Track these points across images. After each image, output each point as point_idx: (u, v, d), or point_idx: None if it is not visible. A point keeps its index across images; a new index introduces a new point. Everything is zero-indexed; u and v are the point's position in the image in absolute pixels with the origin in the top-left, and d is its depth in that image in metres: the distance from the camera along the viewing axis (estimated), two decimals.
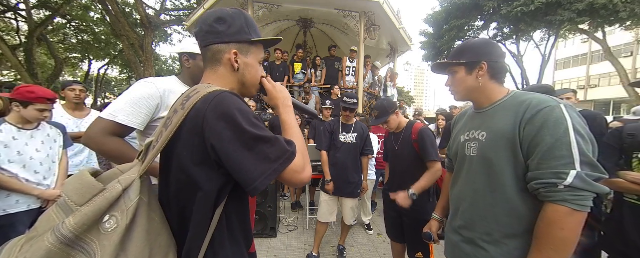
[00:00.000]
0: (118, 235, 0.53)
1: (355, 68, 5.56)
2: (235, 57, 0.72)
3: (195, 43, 1.29)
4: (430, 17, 14.17)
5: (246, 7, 4.99)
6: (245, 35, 0.73)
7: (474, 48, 0.97)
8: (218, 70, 0.74)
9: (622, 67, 12.53)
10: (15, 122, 1.62)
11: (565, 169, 0.72)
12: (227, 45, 0.72)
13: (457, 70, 0.99)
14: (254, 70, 0.77)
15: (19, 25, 13.04)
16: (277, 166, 0.61)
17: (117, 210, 0.55)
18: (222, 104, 0.62)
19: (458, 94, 1.02)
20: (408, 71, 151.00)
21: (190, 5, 13.58)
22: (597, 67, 23.79)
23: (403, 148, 1.90)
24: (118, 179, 0.58)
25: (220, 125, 0.60)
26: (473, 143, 0.97)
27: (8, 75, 16.79)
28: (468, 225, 0.97)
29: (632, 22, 10.10)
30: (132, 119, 1.07)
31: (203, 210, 0.63)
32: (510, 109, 0.88)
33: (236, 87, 0.76)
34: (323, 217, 2.54)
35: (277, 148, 0.63)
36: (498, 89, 0.96)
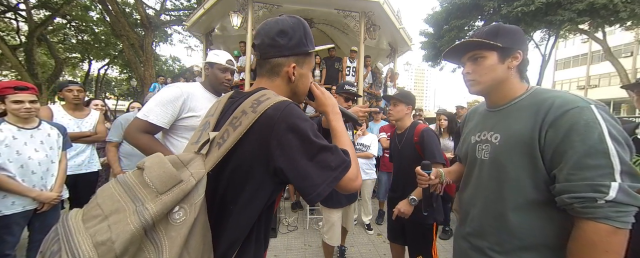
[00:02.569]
0: (187, 228, 0.54)
1: (355, 68, 5.56)
2: (294, 70, 0.75)
3: (215, 54, 1.56)
4: (430, 17, 14.16)
5: (246, 7, 4.99)
6: (304, 47, 0.75)
7: (511, 33, 0.83)
8: (274, 81, 0.76)
9: (622, 67, 12.54)
10: (13, 121, 1.62)
11: (604, 181, 0.62)
12: (286, 58, 0.74)
13: (487, 55, 0.83)
14: (307, 80, 0.80)
15: (19, 25, 13.05)
16: (337, 174, 0.64)
17: (187, 202, 0.56)
18: (292, 114, 0.64)
19: (480, 85, 0.86)
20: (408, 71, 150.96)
21: (190, 5, 13.58)
22: (597, 67, 23.80)
23: (405, 148, 1.88)
24: (191, 172, 0.59)
25: (289, 135, 0.62)
26: (485, 146, 0.88)
27: (8, 75, 16.79)
28: (477, 232, 0.89)
29: (632, 22, 10.10)
30: (161, 118, 1.32)
31: (250, 212, 0.66)
32: (528, 109, 0.77)
33: (289, 95, 0.77)
34: (335, 241, 2.24)
35: (336, 157, 0.65)
36: (519, 85, 0.85)
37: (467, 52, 0.88)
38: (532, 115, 0.75)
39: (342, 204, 2.24)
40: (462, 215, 1.01)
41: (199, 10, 5.47)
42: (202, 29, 6.33)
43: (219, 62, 1.51)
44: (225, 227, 0.65)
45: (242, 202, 0.65)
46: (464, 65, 0.91)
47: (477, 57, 0.85)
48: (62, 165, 1.82)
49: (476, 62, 0.86)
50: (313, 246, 2.84)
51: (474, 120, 1.01)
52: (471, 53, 0.87)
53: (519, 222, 0.78)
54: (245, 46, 5.27)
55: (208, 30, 6.44)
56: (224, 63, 1.51)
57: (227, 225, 0.65)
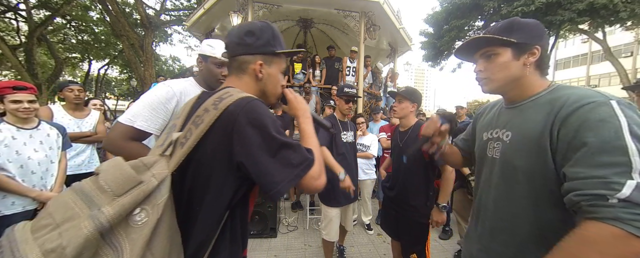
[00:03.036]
0: (149, 229, 0.53)
1: (355, 68, 5.56)
2: (260, 68, 0.77)
3: (209, 44, 1.36)
4: (430, 17, 14.15)
5: (246, 7, 4.99)
6: (271, 47, 0.78)
7: (527, 27, 0.77)
8: (242, 79, 0.78)
9: (622, 67, 12.53)
10: (13, 121, 1.62)
11: (618, 178, 0.54)
12: (253, 56, 0.77)
13: (501, 52, 0.78)
14: (276, 80, 0.82)
15: (19, 25, 13.04)
16: (298, 171, 0.65)
17: (148, 203, 0.56)
18: (254, 110, 0.65)
19: (493, 83, 0.82)
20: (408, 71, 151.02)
21: (190, 5, 13.58)
22: (597, 67, 23.79)
23: (408, 147, 1.84)
24: (152, 173, 0.58)
25: (250, 131, 0.63)
26: (496, 144, 0.84)
27: (8, 76, 16.79)
28: (489, 234, 0.86)
29: (632, 22, 10.09)
30: (150, 124, 1.07)
31: (217, 210, 0.65)
32: (544, 106, 0.72)
33: (258, 95, 0.79)
34: (334, 236, 2.26)
35: (299, 154, 0.66)
36: (539, 82, 0.79)
37: (479, 49, 0.84)
38: (545, 112, 0.71)
39: (340, 203, 2.22)
40: (474, 214, 0.97)
41: (199, 10, 5.47)
42: (202, 29, 6.33)
43: (214, 54, 1.28)
44: (193, 226, 0.64)
45: (208, 200, 0.65)
46: (476, 63, 0.87)
47: (490, 54, 0.81)
48: (62, 165, 1.82)
49: (489, 59, 0.81)
50: (313, 246, 2.84)
51: (488, 116, 0.96)
52: (483, 50, 0.82)
53: (529, 226, 0.74)
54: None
55: (208, 30, 6.43)
56: (220, 56, 1.28)
57: (195, 224, 0.64)
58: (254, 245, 2.83)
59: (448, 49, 14.01)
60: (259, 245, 2.83)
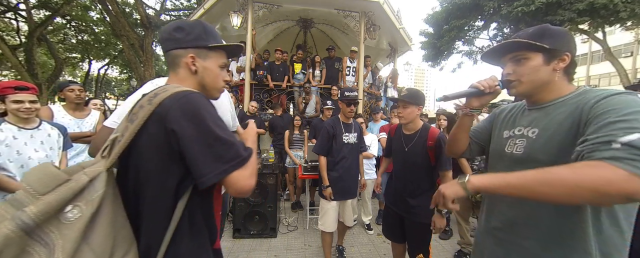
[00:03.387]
0: (82, 223, 0.54)
1: (355, 68, 5.56)
2: (193, 61, 0.78)
3: None
4: (430, 17, 14.15)
5: (246, 7, 4.99)
6: (203, 42, 0.79)
7: (558, 35, 0.80)
8: (179, 73, 0.80)
9: (622, 67, 12.52)
10: (14, 121, 1.62)
11: (626, 134, 0.56)
12: (184, 50, 0.78)
13: (531, 57, 0.80)
14: (213, 74, 0.83)
15: (19, 25, 13.03)
16: (227, 167, 0.65)
17: (81, 200, 0.57)
18: (190, 102, 0.66)
19: (522, 86, 0.83)
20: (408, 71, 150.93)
21: (190, 5, 13.59)
22: (597, 67, 23.78)
23: (415, 151, 1.80)
24: (84, 170, 0.60)
25: (185, 122, 0.64)
26: (519, 141, 0.86)
27: (8, 76, 16.79)
28: (507, 227, 0.87)
29: (632, 22, 10.09)
30: None
31: (162, 202, 0.66)
32: (572, 105, 0.75)
33: (197, 88, 0.80)
34: (330, 227, 2.35)
35: (232, 151, 0.67)
36: (566, 86, 0.82)
37: (508, 53, 0.85)
38: (574, 109, 0.73)
39: (334, 198, 2.33)
40: (487, 209, 0.98)
41: (199, 10, 5.47)
42: None
43: None
44: (142, 219, 0.66)
45: (153, 192, 0.66)
46: (504, 66, 0.88)
47: (520, 58, 0.82)
48: (63, 165, 1.82)
49: (519, 63, 0.83)
50: (313, 246, 2.84)
51: (508, 116, 0.98)
52: (513, 54, 0.84)
53: (551, 219, 0.75)
54: (245, 46, 5.27)
55: None
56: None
57: (143, 218, 0.66)
58: (254, 245, 2.83)
59: (448, 49, 14.02)
60: (259, 245, 2.83)
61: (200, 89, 0.81)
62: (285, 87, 5.32)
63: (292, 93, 5.53)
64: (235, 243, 2.85)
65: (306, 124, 4.40)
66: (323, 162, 2.32)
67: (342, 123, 2.34)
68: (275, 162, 3.19)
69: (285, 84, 5.30)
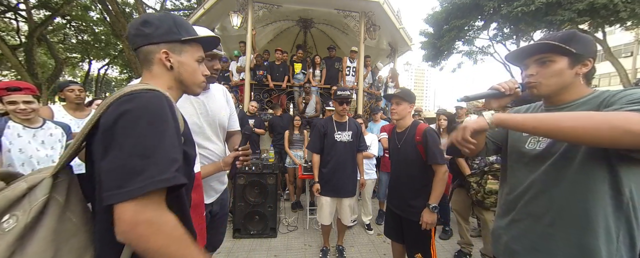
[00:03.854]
0: (13, 235, 0.51)
1: (355, 68, 5.56)
2: (167, 56, 0.74)
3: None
4: (430, 17, 14.16)
5: (246, 7, 4.99)
6: (175, 35, 0.75)
7: (584, 41, 0.83)
8: (152, 70, 0.75)
9: (622, 67, 12.52)
10: (18, 120, 1.66)
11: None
12: (156, 45, 0.73)
13: (557, 60, 0.83)
14: (190, 68, 0.79)
15: (19, 25, 13.04)
16: (133, 188, 0.52)
17: (19, 209, 0.54)
18: (130, 102, 0.58)
19: (546, 87, 0.86)
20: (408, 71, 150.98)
21: (190, 5, 13.59)
22: (597, 67, 23.42)
23: (406, 148, 1.86)
24: (24, 178, 0.57)
25: (111, 122, 0.56)
26: (542, 138, 0.89)
27: (8, 76, 16.79)
28: (530, 217, 0.90)
29: (632, 22, 10.09)
30: None
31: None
32: (591, 103, 0.81)
33: (175, 85, 0.78)
34: (325, 220, 2.52)
35: (152, 168, 0.54)
36: (584, 89, 0.86)
37: (534, 55, 0.88)
38: (593, 107, 0.79)
39: (328, 194, 2.43)
40: (505, 207, 1.00)
41: (199, 10, 5.46)
42: None
43: None
44: (96, 229, 0.62)
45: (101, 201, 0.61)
46: (526, 68, 0.90)
47: (546, 60, 0.85)
48: None
49: (544, 65, 0.85)
50: (313, 246, 2.84)
51: None
52: (539, 56, 0.86)
53: (577, 204, 0.79)
54: (245, 46, 5.27)
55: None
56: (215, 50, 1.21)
57: (96, 230, 0.62)
58: (254, 245, 2.83)
59: (448, 49, 14.02)
60: (259, 245, 2.84)
61: (178, 85, 0.78)
62: (285, 87, 5.32)
63: (292, 93, 5.53)
64: (235, 243, 2.85)
65: (306, 124, 4.40)
66: (315, 159, 2.47)
67: (334, 121, 2.44)
68: (275, 162, 3.19)
69: (285, 84, 5.30)
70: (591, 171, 0.76)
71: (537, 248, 0.87)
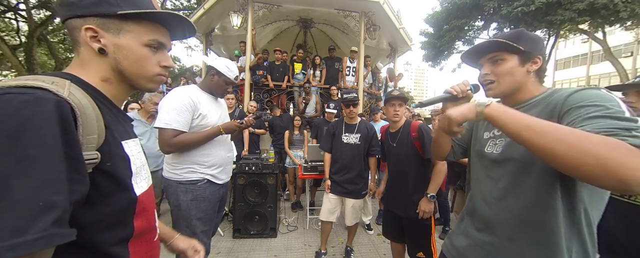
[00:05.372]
0: None
1: (355, 68, 5.56)
2: (95, 35, 0.55)
3: (227, 66, 1.59)
4: (431, 17, 14.16)
5: (246, 7, 4.99)
6: (109, 7, 0.55)
7: (532, 38, 0.84)
8: (80, 54, 0.57)
9: (622, 67, 12.53)
10: None
11: (634, 125, 0.58)
12: (82, 19, 0.54)
13: (508, 58, 0.84)
14: (134, 56, 0.59)
15: (19, 25, 13.03)
16: None
17: None
18: None
19: (500, 86, 0.86)
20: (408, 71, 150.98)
21: (190, 5, 13.58)
22: (597, 67, 23.78)
23: (402, 146, 1.90)
24: None
25: None
26: (498, 141, 0.89)
27: (8, 76, 16.80)
28: (486, 228, 0.89)
29: (632, 22, 10.10)
30: (183, 125, 1.44)
31: None
32: (544, 103, 0.80)
33: (113, 77, 0.59)
34: (323, 215, 2.53)
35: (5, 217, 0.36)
36: (537, 87, 0.87)
37: (487, 54, 0.88)
38: (546, 107, 0.77)
39: (333, 192, 2.48)
40: (469, 210, 0.99)
41: (199, 10, 5.47)
42: (202, 29, 6.33)
43: (228, 75, 1.59)
44: None
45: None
46: (482, 67, 0.91)
47: (497, 59, 0.86)
48: None
49: (495, 64, 0.86)
50: (313, 246, 2.84)
51: None
52: (491, 54, 0.87)
53: (533, 216, 0.77)
54: (245, 46, 5.27)
55: (208, 30, 6.43)
56: (232, 79, 1.61)
57: None
58: (254, 245, 2.83)
59: (448, 49, 14.03)
60: (259, 245, 2.84)
61: (119, 77, 0.60)
62: (285, 87, 5.32)
63: (292, 93, 5.53)
64: (235, 243, 2.85)
65: (306, 124, 4.40)
66: (327, 157, 2.56)
67: (344, 123, 2.49)
68: (275, 162, 3.19)
69: (285, 84, 5.30)
70: (550, 184, 0.73)
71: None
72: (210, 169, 1.55)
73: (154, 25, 0.61)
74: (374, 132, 2.49)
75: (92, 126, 0.49)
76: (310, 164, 3.27)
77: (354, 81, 5.59)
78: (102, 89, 0.58)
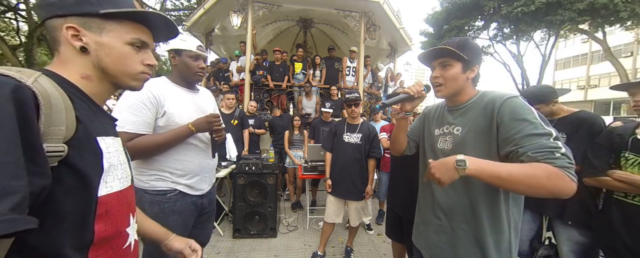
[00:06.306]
0: None
1: (355, 68, 5.56)
2: (76, 34, 0.56)
3: (181, 39, 1.38)
4: (431, 17, 14.17)
5: (246, 7, 4.99)
6: (90, 7, 0.56)
7: (474, 49, 0.96)
8: (62, 54, 0.57)
9: (622, 67, 12.52)
10: None
11: (554, 143, 0.78)
12: (62, 19, 0.55)
13: (454, 65, 0.95)
14: (116, 53, 0.60)
15: (19, 25, 13.03)
16: None
17: None
18: None
19: (446, 89, 0.99)
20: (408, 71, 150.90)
21: (190, 5, 13.57)
22: (597, 67, 23.77)
23: None
24: None
25: None
26: (448, 138, 1.02)
27: None
28: (447, 214, 1.01)
29: (632, 22, 10.09)
30: (140, 126, 1.16)
31: None
32: (478, 105, 0.95)
33: (95, 74, 0.59)
34: (329, 218, 2.51)
35: None
36: (472, 91, 1.01)
37: (438, 58, 0.98)
38: (482, 110, 0.92)
39: (333, 194, 2.48)
40: (426, 199, 1.11)
41: (199, 10, 5.47)
42: (202, 29, 6.34)
43: (188, 48, 1.30)
44: None
45: None
46: (433, 69, 1.01)
47: (446, 64, 0.96)
48: None
49: (444, 68, 0.97)
50: (313, 246, 2.84)
51: (435, 115, 1.14)
52: (442, 59, 0.97)
53: (484, 203, 0.92)
54: (245, 46, 5.27)
55: (208, 30, 6.43)
56: (195, 49, 1.31)
57: None
58: (254, 245, 2.83)
59: None
60: (259, 245, 2.83)
61: (99, 76, 0.60)
62: (285, 87, 5.32)
63: (292, 93, 5.52)
64: (235, 243, 2.85)
65: (305, 124, 4.39)
66: (328, 156, 2.58)
67: (346, 123, 2.51)
68: (275, 162, 3.18)
69: (285, 84, 5.30)
70: None
71: (454, 243, 0.99)
72: (183, 178, 1.27)
73: (136, 24, 0.62)
74: (375, 134, 2.47)
75: (60, 118, 0.48)
76: (310, 164, 3.26)
77: (354, 81, 5.59)
78: (82, 86, 0.58)
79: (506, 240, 0.92)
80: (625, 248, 1.26)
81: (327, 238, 2.58)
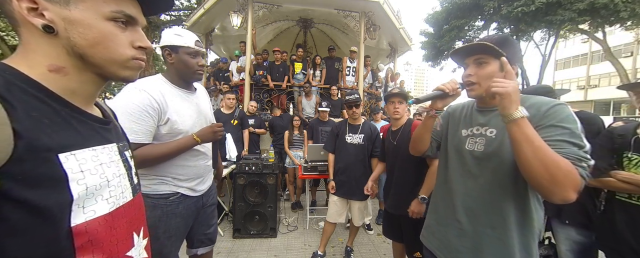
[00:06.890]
0: None
1: (355, 68, 5.56)
2: (34, 7, 0.41)
3: (177, 34, 1.19)
4: (431, 17, 14.17)
5: (246, 7, 4.99)
6: None
7: (514, 47, 0.89)
8: (22, 35, 0.43)
9: (622, 67, 12.53)
10: None
11: (586, 155, 0.75)
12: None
13: (490, 62, 0.87)
14: (94, 32, 0.45)
15: None
16: None
17: None
18: None
19: (480, 89, 0.90)
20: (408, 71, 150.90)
21: (190, 5, 13.57)
22: (597, 67, 23.77)
23: (402, 144, 1.88)
24: None
25: None
26: (479, 139, 0.95)
27: None
28: (470, 218, 0.95)
29: (632, 22, 10.09)
30: (143, 136, 1.09)
31: None
32: None
33: (70, 64, 0.46)
34: (332, 218, 2.51)
35: None
36: None
37: (473, 55, 0.91)
38: None
39: (337, 194, 2.48)
40: (447, 202, 1.04)
41: (199, 10, 5.47)
42: (202, 29, 6.33)
43: (185, 44, 1.18)
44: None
45: None
46: (467, 67, 0.93)
47: (482, 61, 0.89)
48: None
49: (480, 66, 0.89)
50: (313, 246, 2.84)
51: (462, 115, 1.07)
52: (477, 56, 0.89)
53: (513, 206, 0.86)
54: (245, 46, 5.27)
55: (208, 30, 6.43)
56: (193, 45, 1.20)
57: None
58: (254, 245, 2.83)
59: (448, 48, 14.01)
60: (259, 245, 2.83)
61: (78, 65, 0.46)
62: (285, 87, 5.32)
63: (292, 93, 5.52)
64: (235, 243, 2.85)
65: (304, 124, 4.40)
66: (330, 158, 2.59)
67: (348, 124, 2.50)
68: (275, 162, 3.19)
69: (285, 84, 5.30)
70: (521, 179, 0.81)
71: (479, 248, 0.92)
72: (186, 182, 1.26)
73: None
74: (377, 133, 2.48)
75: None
76: (310, 164, 3.26)
77: (354, 81, 5.59)
78: (48, 82, 0.43)
79: (533, 246, 0.88)
80: (629, 249, 1.24)
81: (327, 238, 2.58)
